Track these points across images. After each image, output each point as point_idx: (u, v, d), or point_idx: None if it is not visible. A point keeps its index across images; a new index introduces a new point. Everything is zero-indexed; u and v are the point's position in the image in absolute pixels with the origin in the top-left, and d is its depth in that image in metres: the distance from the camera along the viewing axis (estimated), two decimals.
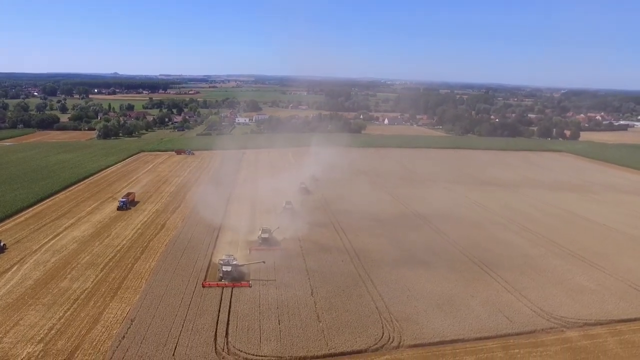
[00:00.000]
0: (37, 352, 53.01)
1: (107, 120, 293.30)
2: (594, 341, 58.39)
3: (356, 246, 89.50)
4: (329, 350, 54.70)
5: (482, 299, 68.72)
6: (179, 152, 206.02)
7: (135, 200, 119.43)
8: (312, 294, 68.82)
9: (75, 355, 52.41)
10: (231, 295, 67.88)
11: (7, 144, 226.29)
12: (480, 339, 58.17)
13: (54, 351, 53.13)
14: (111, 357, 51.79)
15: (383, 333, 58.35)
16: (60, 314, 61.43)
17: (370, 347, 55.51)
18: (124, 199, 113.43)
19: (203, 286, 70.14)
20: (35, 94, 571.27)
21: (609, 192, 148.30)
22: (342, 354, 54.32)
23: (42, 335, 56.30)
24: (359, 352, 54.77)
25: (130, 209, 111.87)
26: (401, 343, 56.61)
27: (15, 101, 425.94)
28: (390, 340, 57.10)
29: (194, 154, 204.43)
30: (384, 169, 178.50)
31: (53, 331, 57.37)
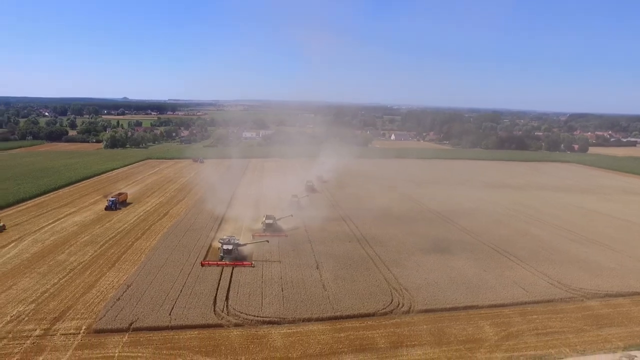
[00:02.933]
0: (28, 310, 50.56)
1: (115, 132, 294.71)
2: (617, 309, 54.93)
3: (365, 233, 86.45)
4: (334, 313, 51.60)
5: (496, 273, 65.54)
6: (195, 159, 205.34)
7: (127, 201, 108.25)
8: (317, 268, 66.08)
9: (67, 314, 49.86)
10: (232, 269, 65.13)
11: (15, 152, 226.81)
12: (495, 306, 54.93)
13: (45, 310, 50.72)
14: (104, 315, 49.10)
15: (392, 299, 55.27)
16: (55, 281, 59.18)
17: (378, 311, 52.37)
18: (113, 198, 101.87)
19: (202, 265, 66.35)
20: (46, 114, 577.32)
21: (620, 194, 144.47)
22: (349, 316, 51.17)
23: (34, 298, 53.98)
24: (367, 315, 51.61)
25: (119, 209, 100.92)
26: (412, 308, 53.45)
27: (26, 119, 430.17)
28: (400, 305, 53.96)
29: (203, 162, 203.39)
30: (392, 174, 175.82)
31: (46, 294, 55.03)
